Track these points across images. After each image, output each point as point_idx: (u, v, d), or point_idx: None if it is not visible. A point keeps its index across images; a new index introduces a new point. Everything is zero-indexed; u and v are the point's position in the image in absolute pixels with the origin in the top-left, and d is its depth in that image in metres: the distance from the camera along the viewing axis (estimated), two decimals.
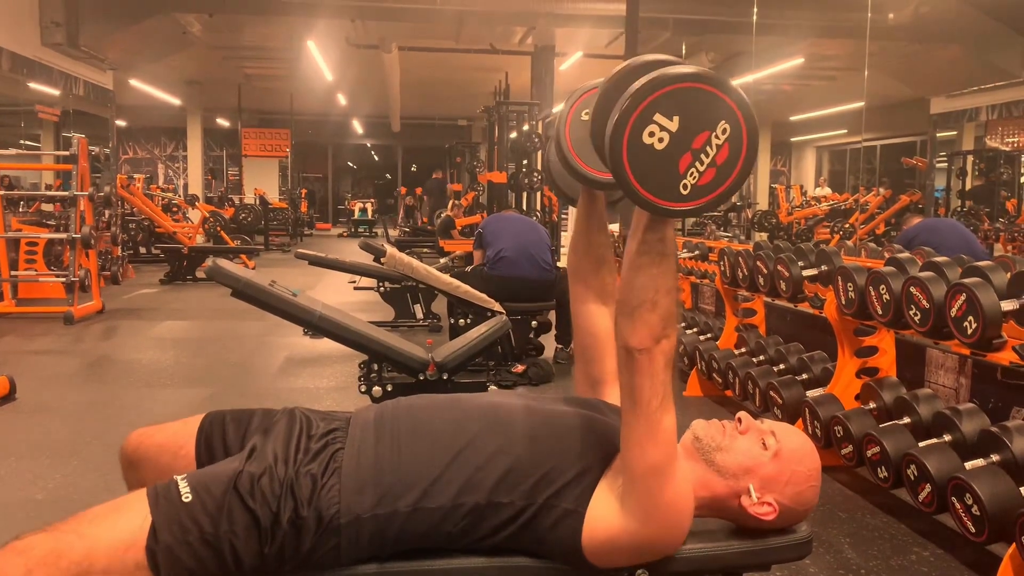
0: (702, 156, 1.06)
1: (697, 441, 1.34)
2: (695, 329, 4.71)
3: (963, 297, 2.40)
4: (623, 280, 1.20)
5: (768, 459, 1.31)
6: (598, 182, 1.45)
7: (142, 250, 11.22)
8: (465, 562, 1.30)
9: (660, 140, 1.07)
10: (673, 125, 1.06)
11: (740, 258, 3.96)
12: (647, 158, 1.07)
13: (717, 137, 1.05)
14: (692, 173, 1.06)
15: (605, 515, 1.23)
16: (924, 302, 2.57)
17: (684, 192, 1.07)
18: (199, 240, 11.12)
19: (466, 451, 1.28)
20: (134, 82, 13.26)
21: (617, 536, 1.22)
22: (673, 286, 1.17)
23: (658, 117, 1.06)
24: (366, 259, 6.16)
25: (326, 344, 5.28)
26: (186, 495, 1.18)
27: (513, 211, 5.56)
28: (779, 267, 3.53)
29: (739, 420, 1.37)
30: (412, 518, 1.25)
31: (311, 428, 1.36)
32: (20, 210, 9.82)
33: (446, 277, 4.54)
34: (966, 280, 2.43)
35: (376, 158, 26.43)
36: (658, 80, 1.07)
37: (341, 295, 7.58)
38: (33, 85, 9.82)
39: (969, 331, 2.38)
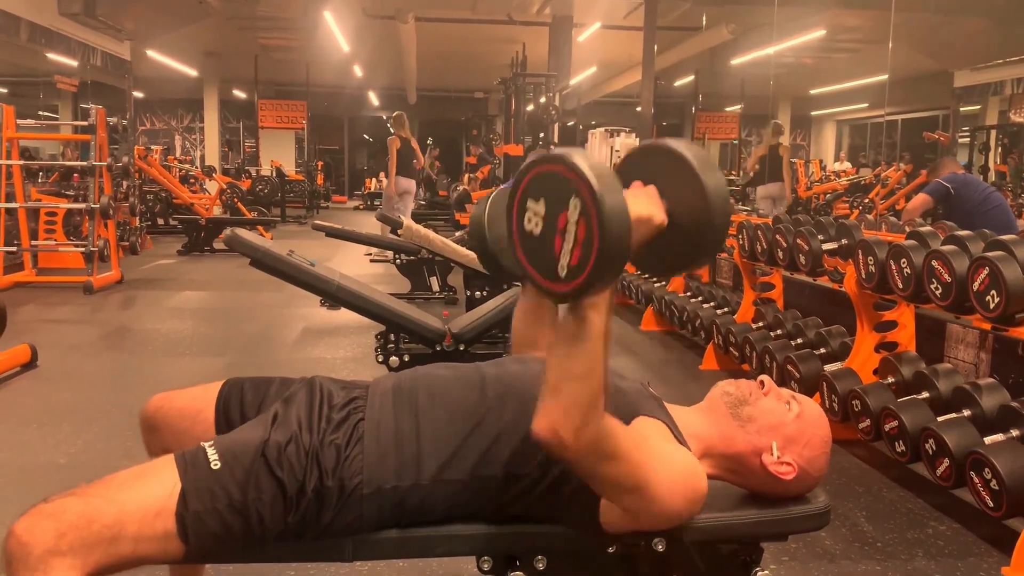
0: (567, 236, 1.03)
1: (726, 395, 1.36)
2: (712, 303, 4.69)
3: (986, 271, 2.37)
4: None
5: (791, 419, 1.33)
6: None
7: (160, 221, 11.27)
8: (486, 528, 1.31)
9: (536, 225, 1.07)
10: (541, 208, 1.06)
11: (759, 231, 3.92)
12: (531, 243, 1.08)
13: (572, 215, 1.02)
14: (564, 254, 1.03)
15: None
16: (946, 276, 2.54)
17: (562, 274, 1.04)
18: (216, 211, 11.16)
19: (483, 424, 1.28)
20: (151, 53, 13.26)
21: (626, 514, 1.23)
22: (585, 373, 1.06)
23: (529, 203, 1.07)
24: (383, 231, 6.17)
25: (343, 315, 5.30)
26: (215, 462, 1.19)
27: None
28: (799, 240, 3.50)
29: (762, 383, 1.38)
30: (432, 490, 1.25)
31: (332, 397, 1.36)
32: (39, 181, 9.88)
33: (463, 249, 4.54)
34: (989, 254, 2.40)
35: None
36: (524, 167, 1.09)
37: (357, 267, 7.60)
38: (51, 55, 9.85)
39: (991, 305, 2.36)
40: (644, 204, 1.10)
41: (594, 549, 1.33)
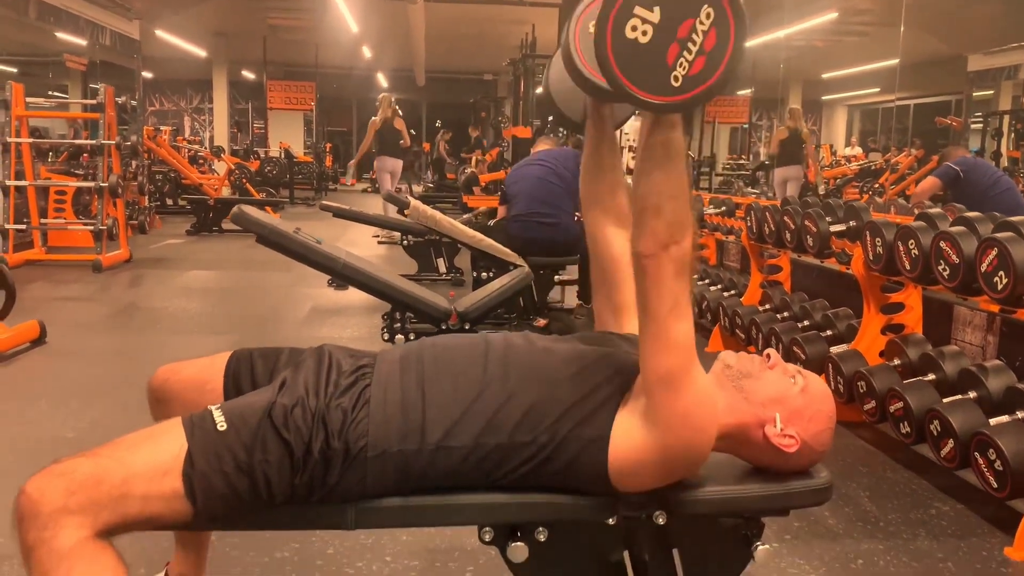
0: (689, 45, 1.02)
1: (728, 368, 1.36)
2: (719, 286, 4.68)
3: (994, 252, 2.36)
4: (632, 188, 1.19)
5: (797, 392, 1.33)
6: (603, 88, 1.35)
7: (169, 201, 11.29)
8: (488, 498, 1.31)
9: (644, 33, 1.03)
10: (655, 16, 1.03)
11: (767, 213, 3.91)
12: (633, 53, 1.04)
13: (702, 23, 1.01)
14: (681, 64, 1.02)
15: (628, 434, 1.24)
16: (954, 257, 2.53)
17: (676, 85, 1.03)
18: (225, 192, 11.17)
19: (486, 392, 1.29)
20: (160, 33, 13.23)
21: (640, 451, 1.22)
22: (679, 191, 1.14)
23: (638, 10, 1.03)
24: (390, 212, 6.16)
25: (350, 296, 5.32)
26: (221, 424, 1.20)
27: (546, 143, 5.31)
28: (807, 222, 3.49)
29: (768, 356, 1.37)
30: (436, 456, 1.26)
31: (340, 365, 1.37)
32: (49, 160, 9.91)
33: (470, 230, 4.53)
34: (998, 234, 2.38)
35: (400, 113, 26.27)
36: None
37: (365, 249, 7.60)
38: (60, 34, 9.85)
39: (999, 286, 2.35)
40: None
41: (595, 521, 1.34)
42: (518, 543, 1.33)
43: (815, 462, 1.39)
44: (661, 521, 1.33)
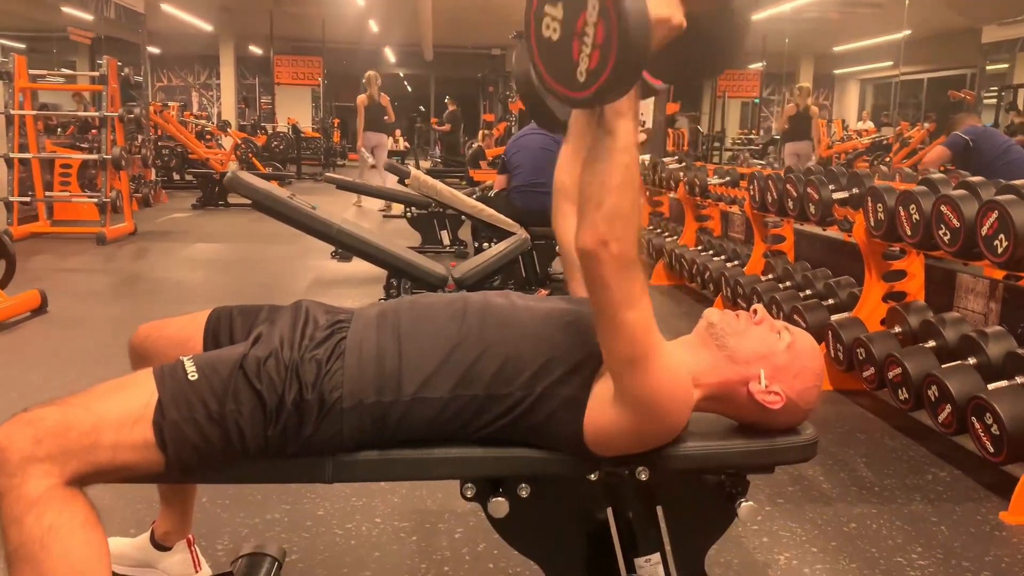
0: (584, 39, 1.00)
1: (711, 327, 1.33)
2: (723, 256, 4.64)
3: (995, 215, 2.32)
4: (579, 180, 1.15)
5: (782, 349, 1.30)
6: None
7: (175, 176, 11.30)
8: (466, 451, 1.30)
9: (554, 31, 1.04)
10: (559, 12, 1.03)
11: (770, 182, 3.87)
12: (549, 51, 1.05)
13: (591, 15, 0.99)
14: (583, 59, 1.01)
15: (601, 408, 1.22)
16: (955, 221, 2.49)
17: (581, 80, 1.02)
18: (232, 167, 11.17)
19: (464, 344, 1.27)
20: (166, 7, 13.18)
21: (613, 425, 1.21)
22: (623, 184, 1.09)
23: (547, 7, 1.04)
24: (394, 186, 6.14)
25: (352, 267, 5.31)
26: (192, 374, 1.19)
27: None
28: (809, 189, 3.45)
29: (754, 311, 1.35)
30: (412, 407, 1.25)
31: (317, 319, 1.36)
32: (57, 134, 9.92)
33: (470, 200, 4.51)
34: (999, 197, 2.34)
35: (409, 89, 26.15)
36: None
37: (371, 223, 7.59)
38: (66, 9, 9.81)
39: (1000, 250, 2.31)
40: (663, 4, 1.06)
41: (575, 476, 1.32)
42: (499, 498, 1.32)
43: (801, 420, 1.37)
44: (643, 477, 1.31)
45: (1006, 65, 12.05)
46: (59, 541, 1.05)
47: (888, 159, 9.92)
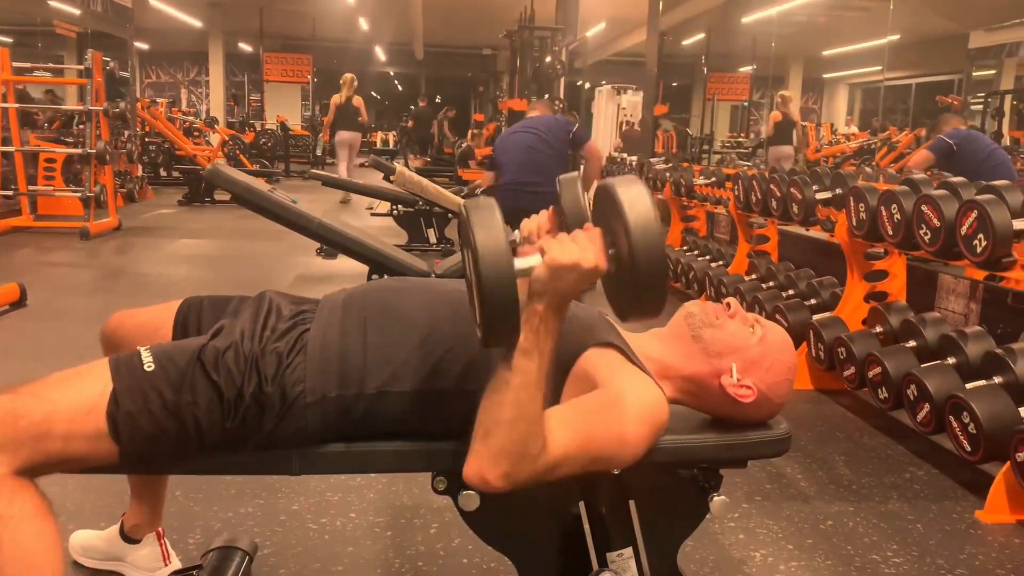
0: (472, 295, 1.08)
1: (690, 316, 1.33)
2: (707, 256, 4.65)
3: (974, 214, 2.32)
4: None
5: (755, 342, 1.30)
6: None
7: (162, 172, 11.22)
8: (433, 445, 1.28)
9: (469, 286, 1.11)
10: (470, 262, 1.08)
11: (754, 182, 3.87)
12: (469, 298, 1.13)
13: (471, 272, 1.05)
14: (476, 312, 1.07)
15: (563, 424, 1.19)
16: (935, 220, 2.49)
17: (479, 333, 1.07)
18: (218, 163, 11.10)
19: (433, 336, 1.25)
20: (154, 2, 13.10)
21: (570, 447, 1.18)
22: (514, 420, 1.05)
23: (467, 252, 1.08)
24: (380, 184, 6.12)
25: (338, 265, 5.28)
26: (148, 364, 1.17)
27: (540, 109, 5.18)
28: (792, 190, 3.45)
29: (728, 304, 1.34)
30: (378, 401, 1.23)
31: (280, 310, 1.34)
32: (45, 128, 9.84)
33: (456, 197, 4.49)
34: (979, 197, 2.35)
35: (400, 87, 26.11)
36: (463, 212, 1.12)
37: (358, 221, 7.56)
38: (52, 3, 9.74)
39: (979, 249, 2.32)
40: (572, 250, 1.05)
41: None
42: (469, 491, 1.30)
43: (773, 413, 1.37)
44: (616, 471, 1.30)
45: (992, 71, 12.11)
46: (8, 531, 1.03)
47: (874, 163, 9.95)
